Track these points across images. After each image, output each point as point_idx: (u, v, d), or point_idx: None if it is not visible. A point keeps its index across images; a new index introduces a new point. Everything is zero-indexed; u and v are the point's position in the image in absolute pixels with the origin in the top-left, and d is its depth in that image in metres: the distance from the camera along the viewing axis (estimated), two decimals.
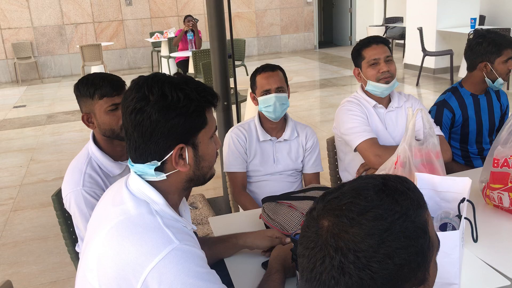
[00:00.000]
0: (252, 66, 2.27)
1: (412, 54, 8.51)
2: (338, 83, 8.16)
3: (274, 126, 2.29)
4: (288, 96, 2.28)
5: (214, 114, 1.25)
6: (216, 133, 1.23)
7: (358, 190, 0.75)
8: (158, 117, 1.08)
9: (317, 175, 2.37)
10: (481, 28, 2.44)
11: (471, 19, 7.48)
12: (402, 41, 9.25)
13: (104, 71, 8.17)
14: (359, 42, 2.29)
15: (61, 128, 6.39)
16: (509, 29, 6.75)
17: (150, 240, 1.04)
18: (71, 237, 1.94)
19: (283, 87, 2.23)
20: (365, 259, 0.69)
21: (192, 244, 1.09)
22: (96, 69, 8.93)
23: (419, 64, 7.61)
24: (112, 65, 10.63)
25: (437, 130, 2.23)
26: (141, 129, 1.10)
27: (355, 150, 2.20)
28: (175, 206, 1.19)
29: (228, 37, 3.25)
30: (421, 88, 7.45)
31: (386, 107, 2.29)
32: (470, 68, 2.43)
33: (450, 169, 2.36)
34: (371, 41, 2.22)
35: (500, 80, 2.34)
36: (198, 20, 7.63)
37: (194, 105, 1.10)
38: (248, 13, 11.81)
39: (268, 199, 1.79)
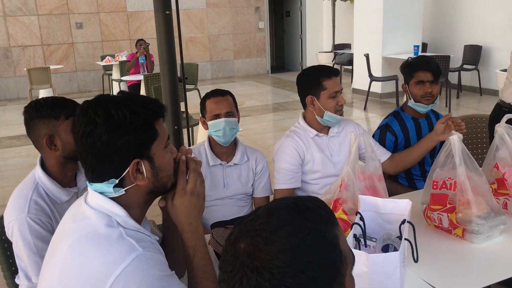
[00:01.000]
0: (205, 90, 2.30)
1: (359, 80, 8.81)
2: (290, 107, 8.31)
3: (224, 151, 2.30)
4: (238, 121, 2.30)
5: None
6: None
7: (271, 210, 0.78)
8: (108, 137, 1.09)
9: (267, 199, 2.39)
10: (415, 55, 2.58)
11: (414, 46, 7.86)
12: (350, 67, 9.56)
13: (53, 95, 7.96)
14: (316, 70, 2.29)
15: (6, 154, 6.13)
16: (449, 56, 7.13)
17: (114, 250, 1.06)
18: (11, 269, 1.85)
19: (232, 112, 2.25)
20: (279, 275, 0.71)
21: (154, 251, 1.12)
22: (44, 92, 8.66)
23: (367, 89, 7.89)
24: (62, 88, 10.35)
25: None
26: (94, 152, 1.11)
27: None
28: (137, 221, 1.19)
29: (179, 61, 3.25)
30: (368, 112, 7.70)
31: (328, 134, 2.35)
32: (405, 93, 2.56)
33: (394, 191, 2.44)
34: (332, 72, 2.27)
35: (412, 101, 2.46)
36: (149, 44, 7.60)
37: (142, 119, 1.12)
38: (201, 38, 11.89)
39: (216, 225, 1.79)
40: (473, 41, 8.32)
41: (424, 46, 8.96)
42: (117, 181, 1.13)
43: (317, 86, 2.25)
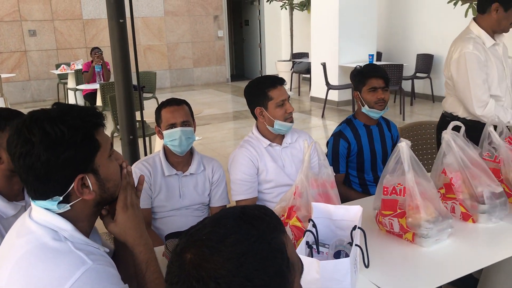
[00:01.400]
0: (164, 99, 2.28)
1: (317, 88, 8.96)
2: (250, 115, 8.19)
3: (180, 160, 2.28)
4: (194, 130, 2.29)
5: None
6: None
7: (218, 220, 0.78)
8: (48, 156, 1.05)
9: (224, 208, 2.38)
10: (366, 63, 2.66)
11: (369, 55, 8.08)
12: (308, 75, 9.71)
13: (4, 105, 7.68)
14: (261, 82, 2.33)
15: None
16: (402, 65, 7.36)
17: (62, 264, 1.03)
18: None
19: (188, 121, 2.24)
20: (225, 284, 0.71)
21: (105, 264, 1.09)
22: None
23: (324, 97, 8.03)
24: (14, 98, 10.00)
25: None
26: (34, 172, 1.07)
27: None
28: (86, 234, 1.16)
29: (135, 69, 3.22)
30: (326, 119, 7.83)
31: (281, 144, 2.37)
32: (356, 101, 2.64)
33: (349, 197, 2.49)
34: (276, 82, 2.29)
35: (366, 107, 2.53)
36: (102, 52, 7.48)
37: (81, 133, 1.08)
38: (160, 46, 11.80)
39: (171, 236, 1.77)
40: (425, 50, 8.63)
41: (379, 55, 9.22)
42: (61, 198, 1.10)
43: (263, 97, 2.27)
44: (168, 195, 2.25)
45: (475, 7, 3.37)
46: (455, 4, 6.44)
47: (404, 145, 1.78)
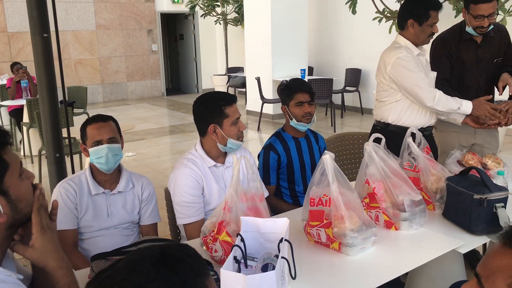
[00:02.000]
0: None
1: (252, 101, 9.08)
2: (186, 130, 8.29)
3: (108, 178, 2.22)
4: (122, 147, 2.24)
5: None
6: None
7: (133, 264, 0.70)
8: None
9: (154, 226, 2.34)
10: (292, 78, 2.74)
11: (301, 69, 8.30)
12: (244, 89, 9.81)
13: None
14: (217, 98, 2.23)
15: None
16: (332, 79, 7.63)
17: None
18: None
19: (115, 138, 2.19)
20: None
21: None
22: None
23: (259, 111, 8.14)
24: None
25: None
26: None
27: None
28: None
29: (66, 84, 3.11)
30: (262, 132, 7.94)
31: (224, 163, 2.31)
32: (284, 114, 2.69)
33: (280, 209, 2.53)
34: (232, 99, 2.23)
35: (294, 121, 2.61)
36: (26, 67, 7.14)
37: None
38: (92, 60, 11.48)
39: (97, 257, 1.71)
40: (353, 65, 9.01)
41: (310, 70, 9.51)
42: None
43: (219, 114, 2.19)
44: (96, 215, 2.18)
45: None
46: (379, 21, 6.78)
47: (328, 157, 1.84)
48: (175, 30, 13.70)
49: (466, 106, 2.69)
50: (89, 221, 2.17)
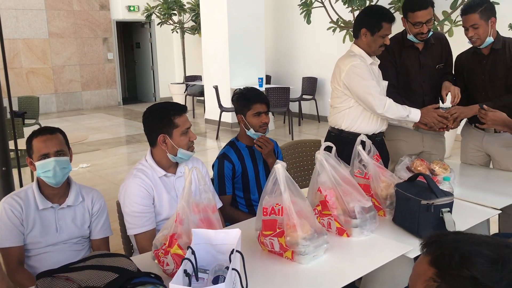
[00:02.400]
0: (51, 124, 2.11)
1: (211, 110, 9.06)
2: (143, 139, 8.14)
3: (56, 192, 2.15)
4: (71, 160, 2.18)
5: None
6: None
7: None
8: None
9: (106, 240, 2.28)
10: (247, 87, 2.75)
11: (259, 78, 8.36)
12: (202, 98, 9.77)
13: None
14: (166, 108, 2.23)
15: None
16: (289, 88, 7.73)
17: None
18: None
19: (63, 151, 2.13)
20: None
21: None
22: None
23: (218, 119, 8.12)
24: None
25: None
26: None
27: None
28: None
29: (13, 94, 2.99)
30: (220, 141, 7.92)
31: (175, 174, 2.31)
32: (239, 123, 2.70)
33: (236, 219, 2.52)
34: (182, 109, 2.24)
35: (252, 130, 2.63)
36: None
37: None
38: (44, 69, 11.15)
39: (43, 274, 1.65)
40: (309, 74, 9.15)
41: (268, 78, 9.60)
42: None
43: (168, 124, 2.19)
44: (43, 230, 2.10)
45: (352, 33, 3.65)
46: (333, 31, 6.94)
47: (279, 167, 1.85)
48: (131, 39, 13.51)
49: (415, 114, 2.79)
50: (36, 237, 2.09)
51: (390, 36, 2.93)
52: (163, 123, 2.19)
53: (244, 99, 2.66)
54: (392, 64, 2.99)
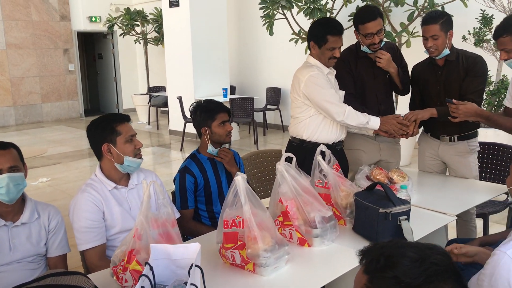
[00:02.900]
0: (8, 138, 2.06)
1: (175, 121, 8.98)
2: None
3: (10, 209, 2.08)
4: (25, 175, 2.12)
5: None
6: None
7: None
8: None
9: (63, 257, 2.22)
10: (202, 100, 2.76)
11: (223, 89, 8.36)
12: (166, 109, 9.69)
13: None
14: (107, 118, 2.27)
15: None
16: (253, 98, 7.76)
17: None
18: None
19: (18, 166, 2.06)
20: None
21: None
22: None
23: (182, 130, 8.06)
24: None
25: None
26: None
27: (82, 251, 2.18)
28: None
29: None
30: (185, 152, 7.86)
31: (127, 186, 2.31)
32: (199, 135, 2.71)
33: (199, 232, 2.50)
34: (123, 118, 2.26)
35: (211, 147, 2.64)
36: None
37: None
38: (2, 81, 10.82)
39: None
40: (273, 84, 9.23)
41: (233, 89, 9.62)
42: None
43: (111, 132, 2.21)
44: None
45: None
46: (296, 42, 7.03)
47: (240, 179, 1.85)
48: (93, 49, 13.28)
49: (374, 121, 2.87)
50: None
51: (344, 47, 3.01)
52: (106, 132, 2.22)
53: (207, 111, 2.66)
54: (349, 74, 3.06)
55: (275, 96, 9.12)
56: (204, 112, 2.66)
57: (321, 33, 2.81)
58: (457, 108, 2.70)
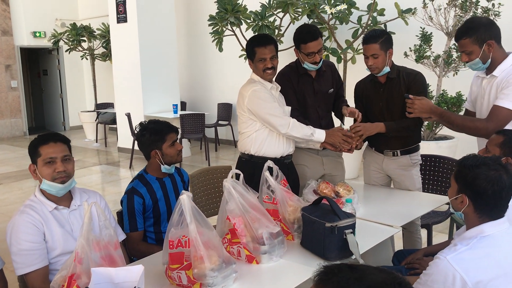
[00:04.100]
0: None
1: (124, 138, 8.79)
2: None
3: None
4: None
5: None
6: None
7: None
8: None
9: None
10: (145, 121, 2.71)
11: (173, 105, 8.28)
12: (115, 126, 9.47)
13: None
14: (37, 138, 2.21)
15: None
16: (204, 114, 7.73)
17: None
18: None
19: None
20: None
21: None
22: None
23: (131, 147, 7.89)
24: None
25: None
26: None
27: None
28: None
29: None
30: (134, 170, 7.69)
31: (69, 207, 2.22)
32: (147, 158, 2.66)
33: (147, 252, 2.41)
34: (49, 138, 2.17)
35: (166, 166, 2.61)
36: None
37: None
38: None
39: None
40: (224, 100, 9.24)
41: (183, 105, 9.55)
42: None
43: (35, 153, 2.16)
44: None
45: None
46: (245, 58, 7.08)
47: (185, 198, 1.83)
48: (38, 65, 12.83)
49: (320, 134, 2.93)
50: None
51: (286, 64, 3.09)
52: (31, 153, 2.19)
53: (156, 133, 2.60)
54: (292, 90, 3.13)
55: (226, 111, 9.13)
56: (153, 134, 2.61)
57: (250, 47, 2.91)
58: (413, 103, 2.78)
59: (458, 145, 5.44)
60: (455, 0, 5.39)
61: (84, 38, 10.52)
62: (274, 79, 3.03)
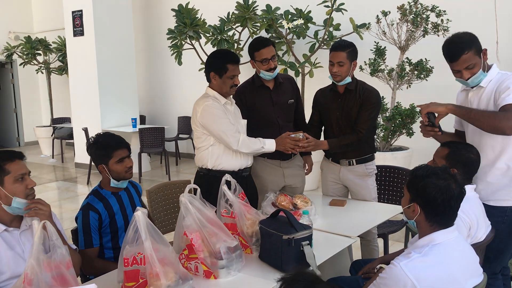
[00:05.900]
0: None
1: (81, 154, 8.59)
2: None
3: None
4: None
5: None
6: None
7: None
8: None
9: None
10: (99, 133, 2.66)
11: (132, 119, 8.17)
12: (72, 141, 9.24)
13: None
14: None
15: None
16: (163, 127, 7.66)
17: None
18: None
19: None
20: None
21: None
22: None
23: (89, 163, 7.71)
24: None
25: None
26: None
27: None
28: None
29: None
30: (92, 185, 7.49)
31: (19, 227, 2.13)
32: (101, 173, 2.60)
33: (106, 270, 2.34)
34: (14, 155, 2.09)
35: (114, 181, 2.56)
36: None
37: None
38: None
39: None
40: (185, 113, 9.19)
41: (143, 118, 9.43)
42: None
43: (1, 172, 2.04)
44: None
45: None
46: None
47: (140, 214, 1.80)
48: None
49: (270, 144, 3.01)
50: None
51: (244, 77, 3.13)
52: None
53: (103, 148, 2.55)
54: (243, 104, 3.21)
55: (186, 125, 9.08)
56: (100, 149, 2.56)
57: (221, 63, 2.91)
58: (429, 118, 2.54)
59: (413, 156, 5.61)
60: (406, 16, 5.60)
61: (40, 52, 10.26)
62: None
